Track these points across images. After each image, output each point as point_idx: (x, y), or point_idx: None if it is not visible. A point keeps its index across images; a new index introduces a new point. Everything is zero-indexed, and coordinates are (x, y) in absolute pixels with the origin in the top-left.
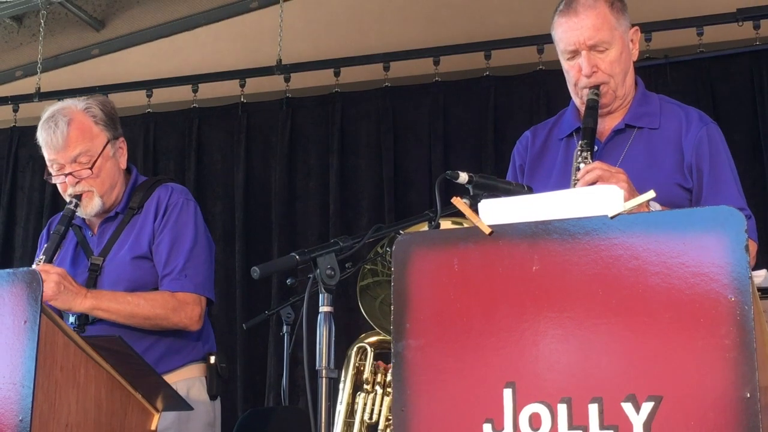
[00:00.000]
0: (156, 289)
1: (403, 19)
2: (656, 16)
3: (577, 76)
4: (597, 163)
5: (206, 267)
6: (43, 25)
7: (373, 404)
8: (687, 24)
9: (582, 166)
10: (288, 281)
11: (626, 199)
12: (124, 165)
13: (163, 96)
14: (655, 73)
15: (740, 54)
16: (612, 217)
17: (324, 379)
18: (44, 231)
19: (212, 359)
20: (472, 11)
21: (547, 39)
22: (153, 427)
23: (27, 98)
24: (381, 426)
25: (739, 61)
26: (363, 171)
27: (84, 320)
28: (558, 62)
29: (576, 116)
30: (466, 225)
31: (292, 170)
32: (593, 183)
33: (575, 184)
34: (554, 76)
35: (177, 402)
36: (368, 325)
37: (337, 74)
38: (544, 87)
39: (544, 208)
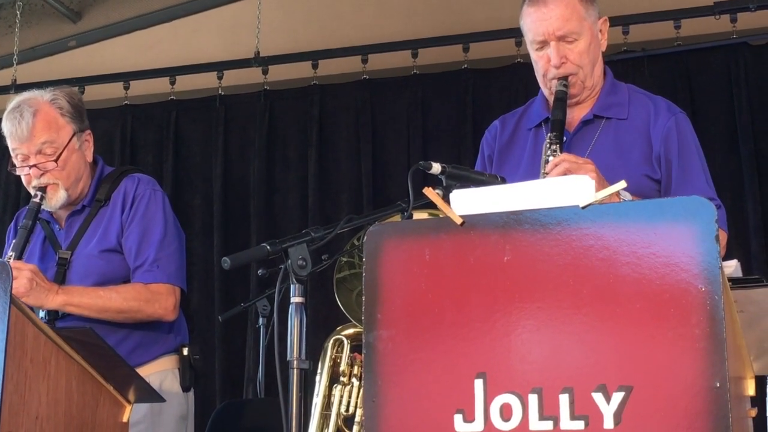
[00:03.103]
0: (127, 281)
1: (381, 12)
2: (634, 9)
3: (545, 66)
4: (564, 155)
5: (177, 257)
6: (19, 16)
7: (350, 396)
8: (664, 17)
9: (551, 158)
10: (259, 272)
11: (596, 189)
12: (90, 158)
13: (140, 88)
14: (632, 66)
15: (717, 47)
16: (583, 207)
17: (295, 369)
18: (11, 225)
19: (185, 351)
20: (450, 4)
21: None
22: (125, 419)
23: (3, 90)
24: (357, 418)
25: (716, 54)
26: (342, 163)
27: (54, 315)
28: None
29: (544, 106)
30: (442, 216)
31: (271, 163)
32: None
33: (544, 177)
34: (532, 68)
35: (149, 394)
36: (346, 318)
37: (315, 66)
38: (522, 80)
39: (516, 198)
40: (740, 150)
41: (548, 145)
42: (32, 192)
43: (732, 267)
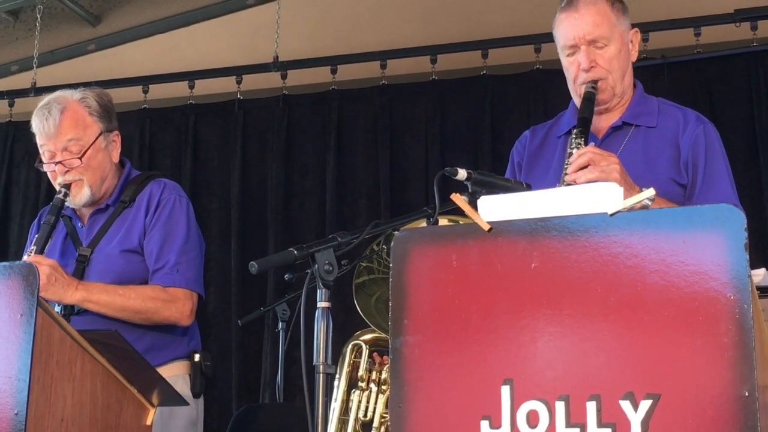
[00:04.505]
0: (144, 283)
1: (400, 17)
2: (654, 17)
3: (576, 71)
4: (589, 147)
5: (197, 263)
6: (39, 20)
7: (368, 402)
8: (684, 24)
9: (575, 151)
10: (286, 277)
11: (621, 184)
12: (116, 158)
13: (159, 92)
14: (652, 73)
15: (737, 55)
16: (611, 215)
17: (321, 374)
18: (35, 222)
19: (197, 357)
20: (469, 10)
21: (544, 38)
22: (148, 422)
23: (23, 93)
24: (375, 423)
25: (736, 61)
26: (360, 169)
27: (70, 311)
28: (555, 62)
29: (574, 114)
30: (462, 223)
31: (289, 168)
32: (585, 166)
33: (567, 167)
34: (551, 75)
35: (172, 397)
36: (363, 323)
37: (333, 72)
38: (541, 86)
39: (544, 205)
40: (760, 158)
41: (573, 139)
42: (57, 188)
43: (760, 276)
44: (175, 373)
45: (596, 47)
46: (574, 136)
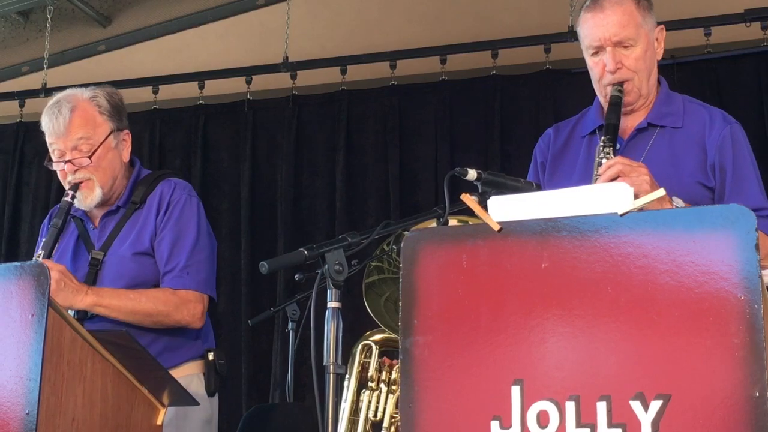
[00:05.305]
0: (157, 285)
1: (409, 18)
2: (664, 16)
3: (601, 72)
4: (618, 158)
5: (208, 264)
6: (49, 20)
7: (378, 402)
8: (694, 24)
9: (604, 161)
10: (296, 277)
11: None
12: (126, 158)
13: (169, 92)
14: (661, 73)
15: (748, 55)
16: (622, 215)
17: (331, 374)
18: (45, 221)
19: (211, 356)
20: (479, 10)
21: (554, 39)
22: (159, 422)
23: (33, 93)
24: (385, 423)
25: (746, 62)
26: (369, 169)
27: (83, 315)
28: (565, 62)
29: (599, 113)
30: (471, 223)
31: (298, 168)
32: (614, 178)
33: (596, 179)
34: (561, 75)
35: (183, 396)
36: (373, 323)
37: (343, 72)
38: (551, 86)
39: (554, 205)
40: None
41: (601, 148)
42: (66, 188)
43: None
44: (190, 373)
45: (622, 48)
46: (602, 144)
